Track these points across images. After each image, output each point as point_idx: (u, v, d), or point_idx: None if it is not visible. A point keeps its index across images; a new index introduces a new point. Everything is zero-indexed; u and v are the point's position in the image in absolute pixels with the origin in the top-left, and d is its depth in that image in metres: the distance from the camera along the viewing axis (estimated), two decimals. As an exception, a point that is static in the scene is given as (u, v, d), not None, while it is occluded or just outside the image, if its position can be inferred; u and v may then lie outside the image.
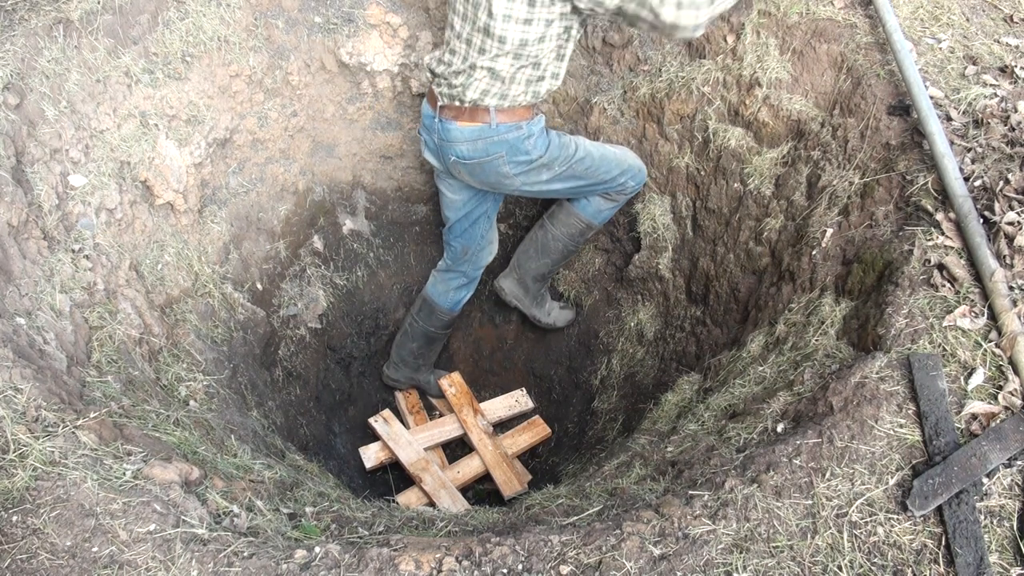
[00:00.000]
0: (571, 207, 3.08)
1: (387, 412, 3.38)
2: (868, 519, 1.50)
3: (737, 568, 1.45)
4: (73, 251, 2.11)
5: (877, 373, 1.73)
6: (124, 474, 1.55)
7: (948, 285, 1.84)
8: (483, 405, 3.50)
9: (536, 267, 3.29)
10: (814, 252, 2.39)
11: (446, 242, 3.19)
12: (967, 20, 2.64)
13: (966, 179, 2.01)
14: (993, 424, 1.58)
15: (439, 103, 2.58)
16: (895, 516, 1.50)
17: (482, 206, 3.02)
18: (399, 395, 3.63)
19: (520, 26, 2.30)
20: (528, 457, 3.47)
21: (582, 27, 2.45)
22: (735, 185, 2.88)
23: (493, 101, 2.50)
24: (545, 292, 3.50)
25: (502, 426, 3.53)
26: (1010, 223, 1.85)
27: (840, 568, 1.44)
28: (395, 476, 3.26)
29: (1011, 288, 1.77)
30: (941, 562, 1.44)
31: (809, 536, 1.50)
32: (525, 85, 2.49)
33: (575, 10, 2.30)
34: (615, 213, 3.13)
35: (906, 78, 2.25)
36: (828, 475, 1.57)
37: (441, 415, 3.59)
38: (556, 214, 3.15)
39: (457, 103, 2.53)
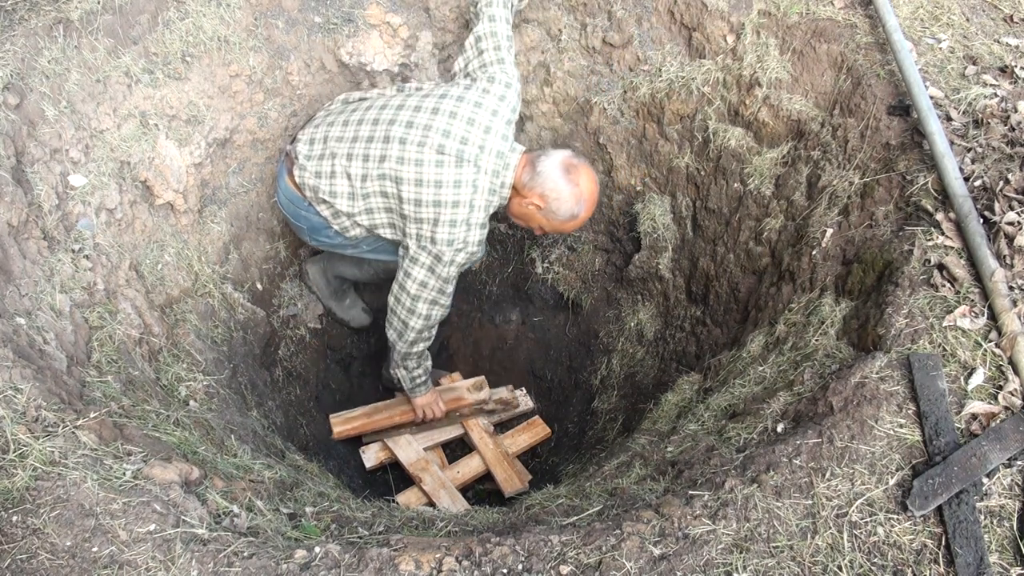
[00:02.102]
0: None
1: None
2: (868, 519, 1.50)
3: (737, 568, 1.45)
4: (73, 251, 2.11)
5: (877, 373, 1.73)
6: (124, 474, 1.55)
7: (948, 285, 1.84)
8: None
9: (341, 270, 3.30)
10: (814, 252, 2.39)
11: None
12: (967, 20, 2.64)
13: (966, 179, 2.01)
14: (993, 424, 1.58)
15: (290, 148, 2.68)
16: (895, 516, 1.50)
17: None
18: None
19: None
20: (528, 457, 3.47)
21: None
22: (735, 185, 2.88)
23: (319, 193, 2.56)
24: (348, 289, 3.49)
25: (502, 426, 3.53)
26: (1010, 223, 1.85)
27: (840, 568, 1.44)
28: (395, 476, 3.26)
29: (1011, 288, 1.77)
30: (941, 562, 1.44)
31: (809, 536, 1.50)
32: (345, 219, 2.59)
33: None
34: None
35: (906, 78, 2.25)
36: (828, 475, 1.57)
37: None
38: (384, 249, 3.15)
39: (298, 170, 2.59)
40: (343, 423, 3.21)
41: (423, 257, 2.45)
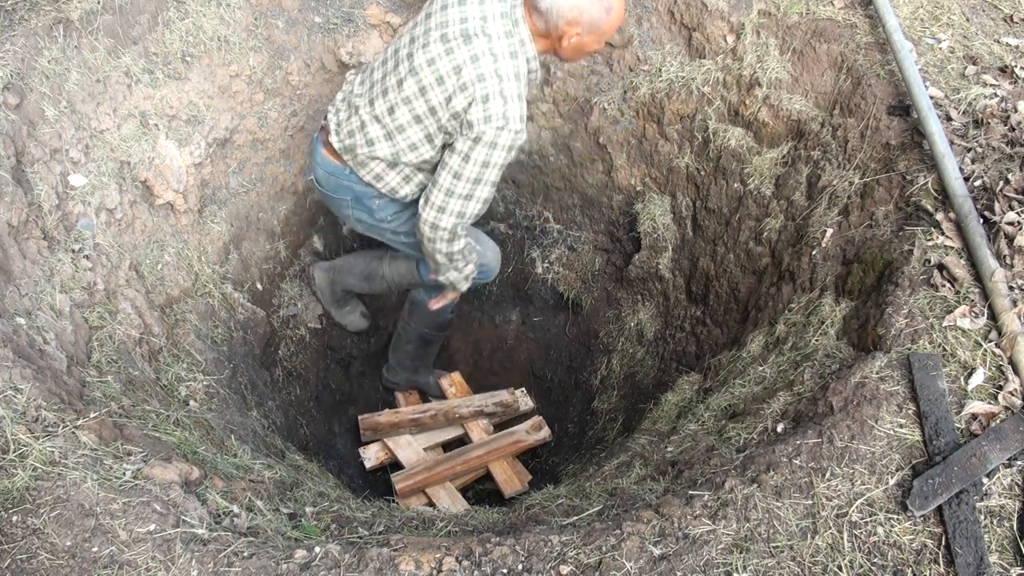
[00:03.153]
0: (414, 263, 3.02)
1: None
2: (868, 519, 1.50)
3: (737, 568, 1.45)
4: (73, 251, 2.11)
5: (877, 373, 1.73)
6: (124, 474, 1.55)
7: (948, 285, 1.84)
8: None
9: (351, 284, 3.26)
10: (814, 252, 2.39)
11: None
12: (967, 20, 2.64)
13: (966, 179, 2.01)
14: (993, 424, 1.58)
15: (324, 123, 2.59)
16: (895, 516, 1.50)
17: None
18: (399, 396, 3.63)
19: (408, 126, 2.33)
20: (528, 457, 3.47)
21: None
22: (735, 185, 2.88)
23: (358, 152, 2.47)
24: (350, 296, 3.46)
25: (502, 426, 3.53)
26: (1010, 223, 1.85)
27: (840, 568, 1.44)
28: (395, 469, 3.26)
29: (1011, 288, 1.77)
30: (941, 562, 1.44)
31: (809, 536, 1.50)
32: (387, 168, 2.47)
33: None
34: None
35: (906, 78, 2.25)
36: (828, 475, 1.57)
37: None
38: (397, 258, 3.10)
39: (334, 136, 2.50)
40: (404, 479, 3.09)
41: (460, 144, 2.24)
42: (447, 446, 3.44)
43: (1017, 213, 1.87)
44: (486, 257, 2.90)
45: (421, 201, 2.37)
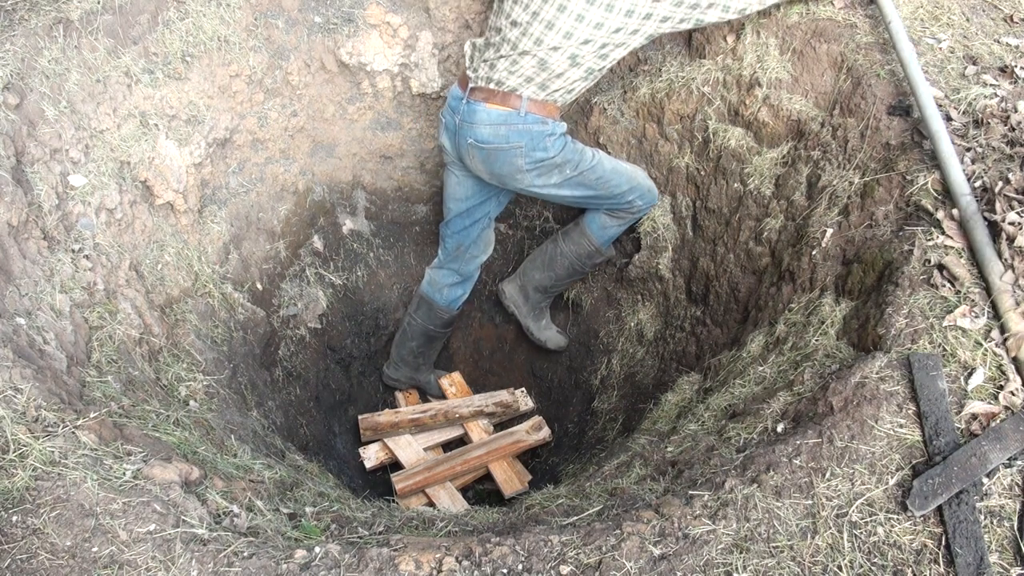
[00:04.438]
0: (584, 226, 3.09)
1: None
2: (868, 519, 1.50)
3: (737, 568, 1.45)
4: (73, 251, 2.11)
5: (877, 373, 1.73)
6: (124, 474, 1.55)
7: (948, 285, 1.84)
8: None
9: (539, 278, 3.30)
10: (814, 252, 2.39)
11: (442, 237, 3.20)
12: (967, 20, 2.64)
13: (967, 179, 2.01)
14: (993, 424, 1.58)
15: (470, 85, 2.59)
16: (895, 516, 1.50)
17: (485, 206, 3.02)
18: (399, 395, 3.63)
19: (590, 29, 2.34)
20: (528, 457, 3.47)
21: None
22: (735, 185, 2.88)
23: (530, 91, 2.51)
24: (545, 308, 3.49)
25: (502, 426, 3.53)
26: (1012, 223, 1.85)
27: (840, 568, 1.44)
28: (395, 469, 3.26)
29: (1013, 288, 1.76)
30: (941, 562, 1.44)
31: (809, 536, 1.50)
32: (568, 83, 2.51)
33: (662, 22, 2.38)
34: (622, 233, 3.14)
35: (910, 77, 2.25)
36: (828, 475, 1.57)
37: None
38: (569, 232, 3.17)
39: (493, 86, 2.53)
40: (404, 479, 3.10)
41: None
42: (447, 446, 3.44)
43: (1018, 213, 1.87)
44: (639, 174, 2.94)
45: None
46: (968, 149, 2.11)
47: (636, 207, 2.98)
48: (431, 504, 3.04)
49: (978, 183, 1.99)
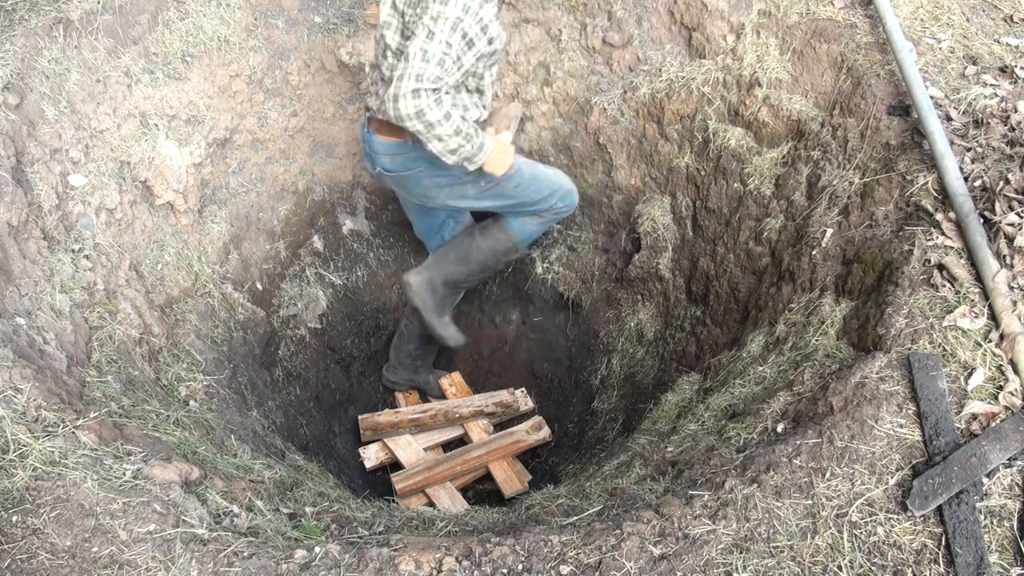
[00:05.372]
0: (504, 222, 3.04)
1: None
2: (868, 519, 1.50)
3: (737, 568, 1.45)
4: (73, 251, 2.11)
5: (877, 373, 1.73)
6: (124, 474, 1.55)
7: (948, 285, 1.84)
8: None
9: (451, 272, 3.17)
10: (814, 252, 2.39)
11: (424, 241, 3.19)
12: (967, 20, 2.64)
13: (966, 179, 2.01)
14: (993, 424, 1.58)
15: (367, 114, 2.58)
16: (895, 516, 1.50)
17: (443, 211, 3.00)
18: (399, 395, 3.63)
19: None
20: (528, 457, 3.47)
21: (489, 69, 2.46)
22: (735, 185, 2.88)
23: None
24: (450, 304, 3.31)
25: (502, 426, 3.53)
26: (1011, 224, 1.85)
27: (840, 568, 1.44)
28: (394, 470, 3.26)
29: (1011, 288, 1.77)
30: (941, 562, 1.44)
31: (809, 536, 1.50)
32: None
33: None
34: (542, 232, 3.12)
35: (906, 77, 2.25)
36: (828, 475, 1.57)
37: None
38: (488, 227, 3.09)
39: (381, 116, 2.48)
40: (404, 479, 3.09)
41: (418, 13, 2.26)
42: (447, 446, 3.44)
43: (1017, 214, 1.87)
44: (560, 178, 2.90)
45: (394, 91, 2.23)
46: (968, 149, 2.11)
47: (557, 209, 2.96)
48: (431, 504, 3.04)
49: (978, 183, 1.99)
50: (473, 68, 2.37)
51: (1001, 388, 1.63)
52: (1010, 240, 1.82)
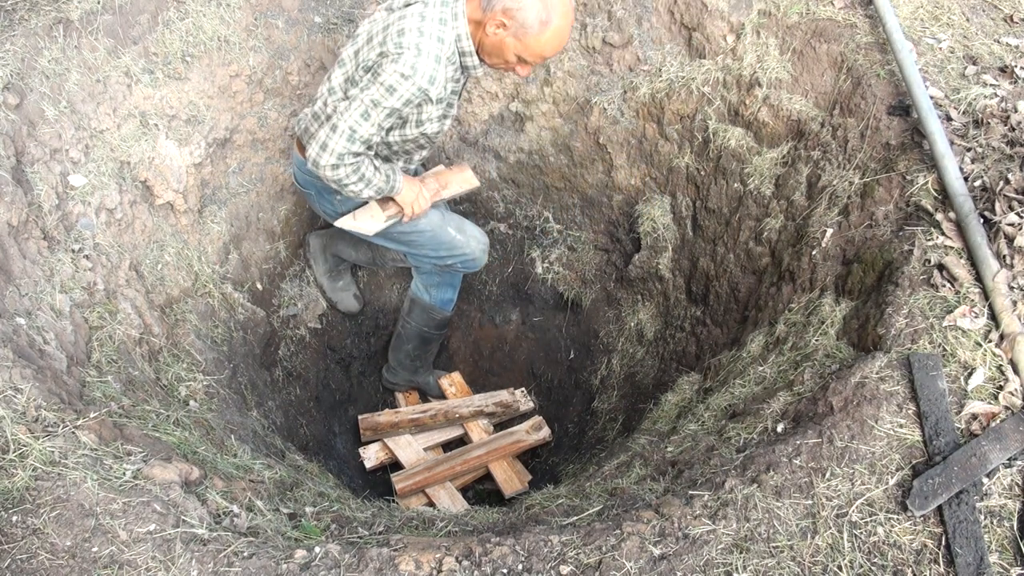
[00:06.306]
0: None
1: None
2: (868, 519, 1.50)
3: (737, 568, 1.45)
4: (73, 251, 2.11)
5: (877, 373, 1.73)
6: (124, 474, 1.55)
7: (948, 285, 1.84)
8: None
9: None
10: (814, 252, 2.39)
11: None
12: (967, 20, 2.64)
13: (966, 179, 2.01)
14: (993, 424, 1.58)
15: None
16: (895, 516, 1.50)
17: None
18: (399, 395, 3.63)
19: (324, 88, 2.40)
20: (528, 457, 3.47)
21: (419, 150, 2.53)
22: (735, 185, 2.88)
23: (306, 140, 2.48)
24: (344, 271, 3.48)
25: (502, 426, 3.53)
26: (1011, 224, 1.85)
27: (840, 568, 1.44)
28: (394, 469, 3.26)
29: (1011, 288, 1.77)
30: (941, 562, 1.44)
31: (809, 536, 1.50)
32: None
33: None
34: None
35: (906, 77, 2.25)
36: (828, 475, 1.57)
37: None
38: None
39: (298, 131, 2.56)
40: (404, 479, 3.10)
41: (363, 81, 2.23)
42: (447, 446, 3.44)
43: (1017, 214, 1.87)
44: (469, 247, 2.94)
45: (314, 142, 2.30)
46: (968, 149, 2.11)
47: (455, 269, 3.01)
48: (431, 504, 3.04)
49: (978, 183, 1.99)
50: (400, 147, 2.47)
51: (1001, 388, 1.63)
52: (1010, 240, 1.82)
